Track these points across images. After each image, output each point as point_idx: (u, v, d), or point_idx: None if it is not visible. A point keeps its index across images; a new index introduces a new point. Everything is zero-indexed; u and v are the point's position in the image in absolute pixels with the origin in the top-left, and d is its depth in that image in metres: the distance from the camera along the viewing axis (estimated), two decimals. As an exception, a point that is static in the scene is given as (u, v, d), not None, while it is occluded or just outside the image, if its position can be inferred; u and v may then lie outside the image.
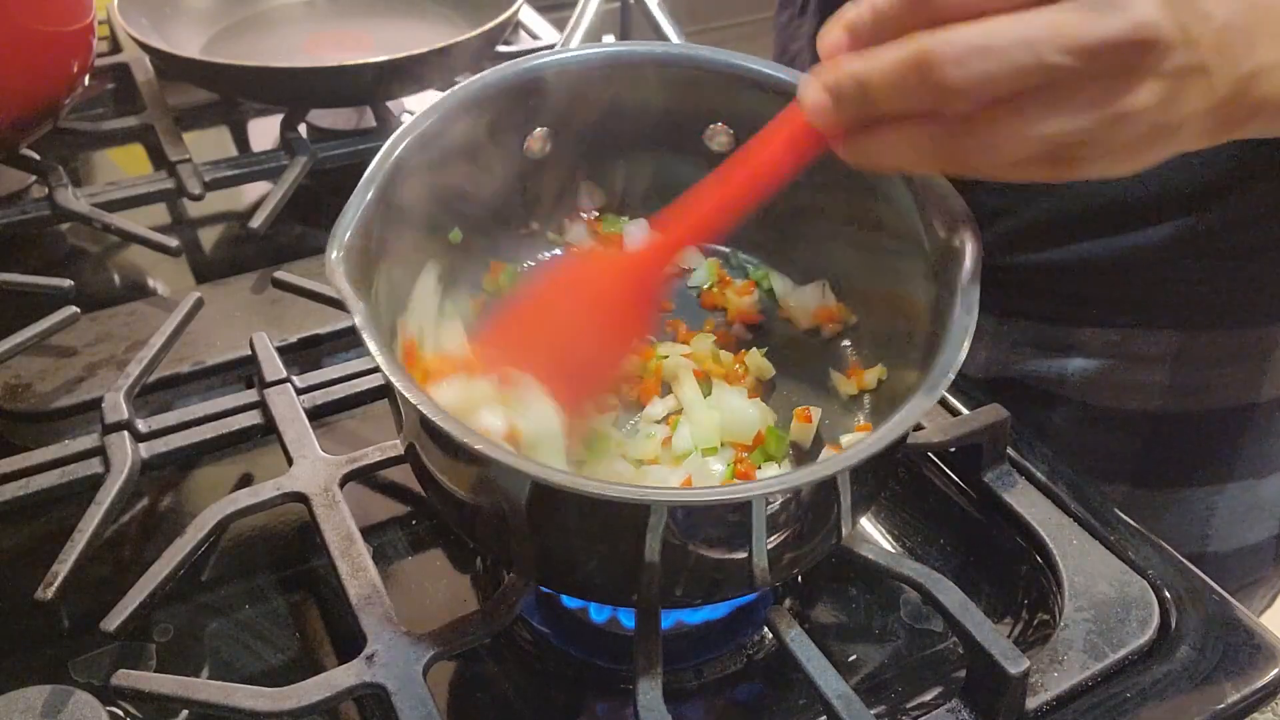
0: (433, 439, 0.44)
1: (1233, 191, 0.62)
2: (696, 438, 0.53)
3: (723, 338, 0.60)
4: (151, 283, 0.78)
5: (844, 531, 0.48)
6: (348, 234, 0.46)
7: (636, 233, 0.60)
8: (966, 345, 0.44)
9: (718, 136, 0.59)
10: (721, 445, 0.54)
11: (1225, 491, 0.71)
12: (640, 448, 0.53)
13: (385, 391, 0.61)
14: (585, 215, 0.62)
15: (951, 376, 0.43)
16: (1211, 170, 0.62)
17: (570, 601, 0.52)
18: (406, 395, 0.41)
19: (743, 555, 0.43)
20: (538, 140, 0.58)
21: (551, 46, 0.90)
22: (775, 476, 0.45)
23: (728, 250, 0.64)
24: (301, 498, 0.53)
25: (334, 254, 0.45)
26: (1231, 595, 0.52)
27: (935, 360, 0.44)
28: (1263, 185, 0.62)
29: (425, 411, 0.40)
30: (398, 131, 0.51)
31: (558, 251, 0.62)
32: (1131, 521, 0.55)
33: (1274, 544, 0.74)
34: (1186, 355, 0.67)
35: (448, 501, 0.48)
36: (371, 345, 0.42)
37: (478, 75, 0.55)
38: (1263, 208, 0.62)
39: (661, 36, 0.64)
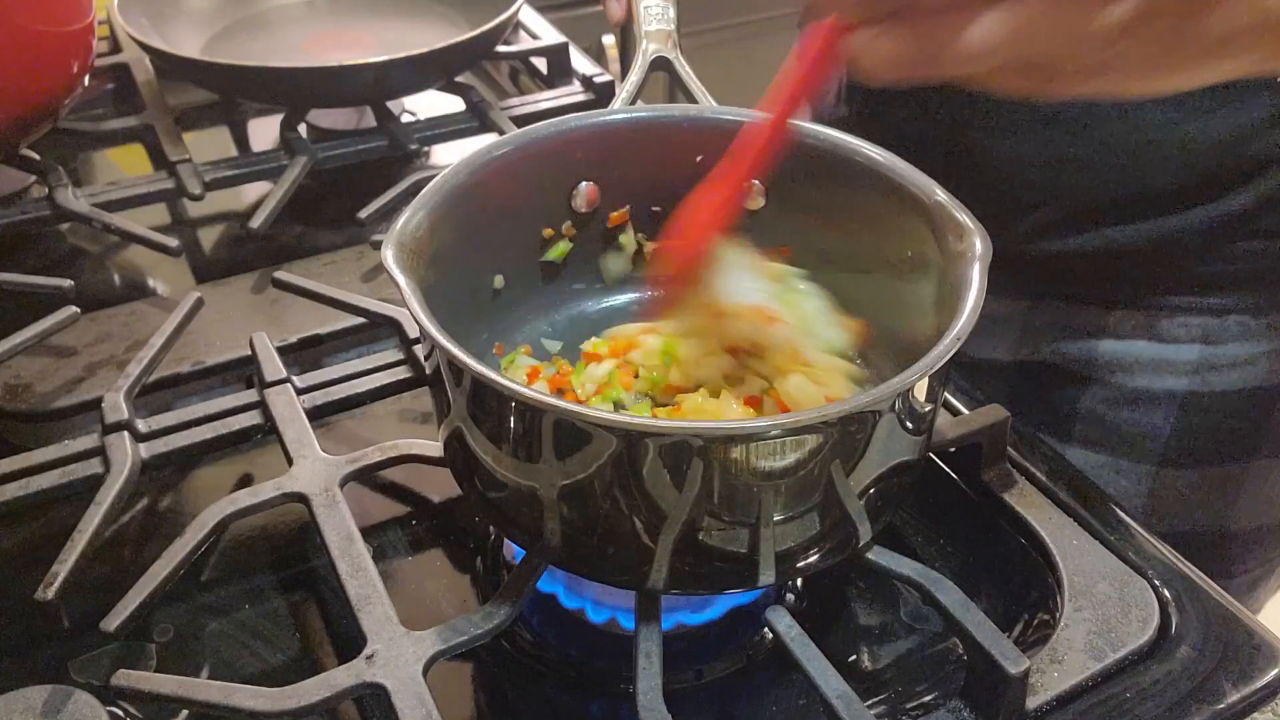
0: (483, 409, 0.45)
1: (1263, 175, 0.64)
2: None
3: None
4: (151, 283, 0.78)
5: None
6: (397, 233, 0.47)
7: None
8: (977, 308, 0.44)
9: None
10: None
11: (1250, 469, 0.73)
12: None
13: (398, 388, 0.61)
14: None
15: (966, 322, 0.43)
16: (1238, 156, 0.63)
17: (569, 602, 0.52)
18: (455, 354, 0.42)
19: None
20: (584, 194, 0.59)
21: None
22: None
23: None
24: (301, 498, 0.53)
25: (389, 250, 0.46)
26: (1248, 574, 0.52)
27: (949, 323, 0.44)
28: None
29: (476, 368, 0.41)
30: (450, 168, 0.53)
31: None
32: (1131, 521, 0.55)
33: None
34: (1214, 336, 0.69)
35: (489, 482, 0.47)
36: (420, 315, 0.43)
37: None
38: None
39: (691, 100, 0.67)
